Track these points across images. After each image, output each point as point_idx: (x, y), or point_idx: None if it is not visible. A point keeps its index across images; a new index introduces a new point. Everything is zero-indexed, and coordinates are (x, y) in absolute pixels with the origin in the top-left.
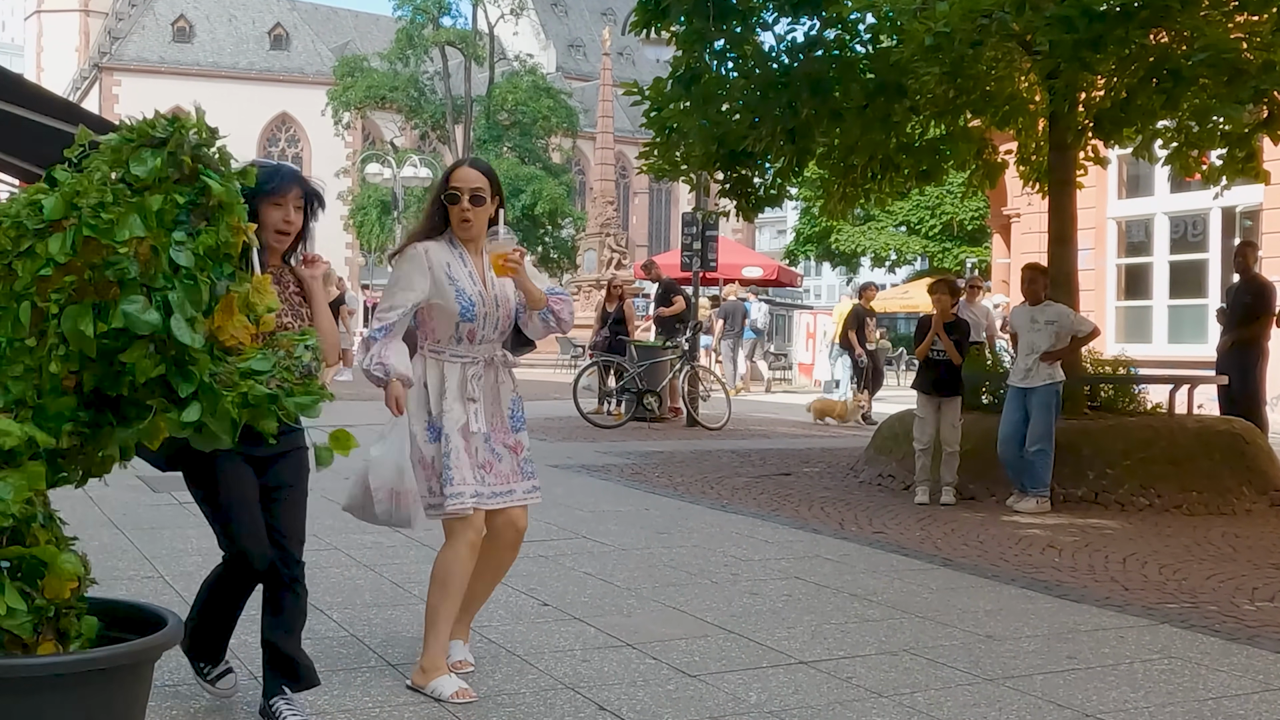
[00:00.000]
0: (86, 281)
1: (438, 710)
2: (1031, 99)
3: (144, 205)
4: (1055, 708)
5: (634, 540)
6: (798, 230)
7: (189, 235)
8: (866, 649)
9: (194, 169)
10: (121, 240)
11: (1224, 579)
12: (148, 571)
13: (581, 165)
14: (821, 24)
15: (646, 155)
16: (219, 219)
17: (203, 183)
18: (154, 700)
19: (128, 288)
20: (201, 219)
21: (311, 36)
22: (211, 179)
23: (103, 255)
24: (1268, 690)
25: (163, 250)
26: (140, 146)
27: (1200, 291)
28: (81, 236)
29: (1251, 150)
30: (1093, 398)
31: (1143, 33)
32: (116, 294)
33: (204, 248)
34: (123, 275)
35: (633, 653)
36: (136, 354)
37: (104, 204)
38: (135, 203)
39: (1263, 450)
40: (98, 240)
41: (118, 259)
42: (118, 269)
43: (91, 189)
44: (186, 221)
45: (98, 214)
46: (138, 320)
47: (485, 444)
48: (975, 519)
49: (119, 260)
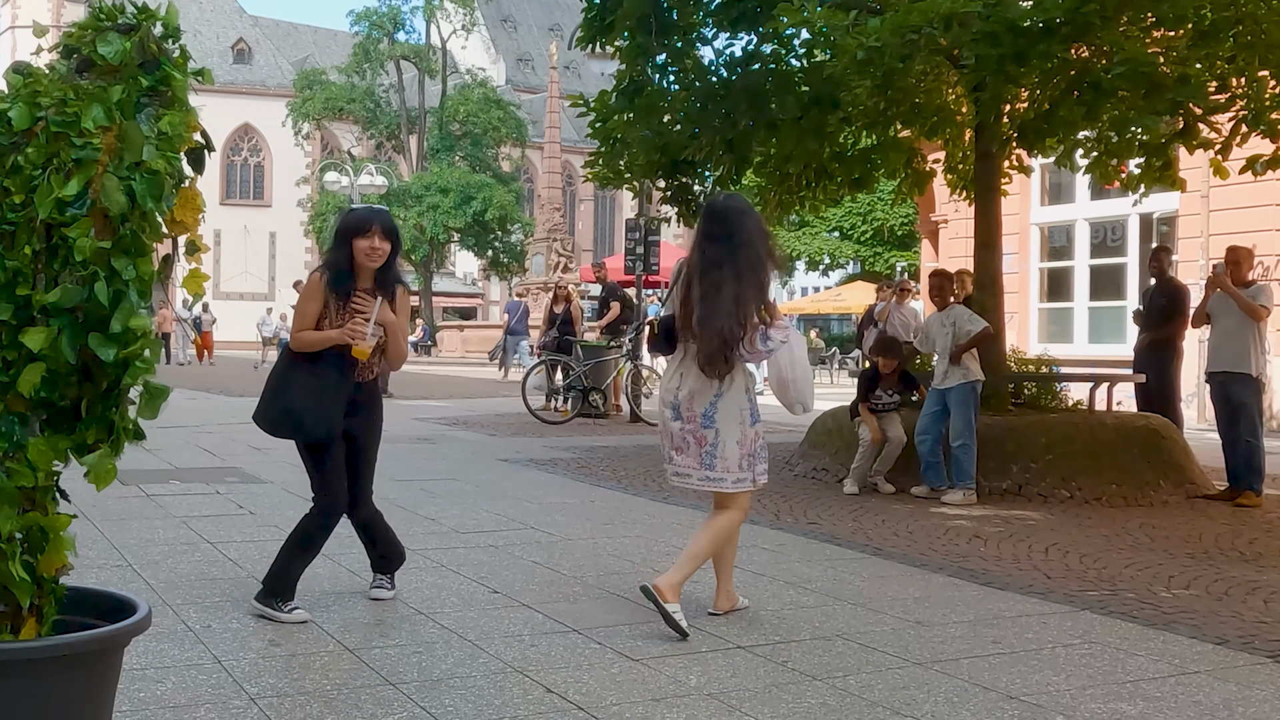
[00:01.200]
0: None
1: (392, 692)
2: (958, 110)
3: (105, 95)
4: (981, 690)
5: (580, 531)
6: None
7: (151, 125)
8: (801, 634)
9: (157, 57)
10: (88, 128)
11: (1141, 568)
12: (116, 560)
13: (530, 173)
14: (758, 39)
15: (592, 164)
16: (177, 113)
17: (165, 71)
18: (122, 684)
19: (87, 167)
20: (161, 107)
21: (273, 51)
22: (172, 71)
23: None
24: (1183, 674)
25: (132, 142)
26: (109, 30)
27: (1119, 294)
28: (51, 134)
29: (1168, 159)
30: (1016, 395)
31: (1064, 47)
32: (73, 171)
33: (166, 128)
34: (86, 157)
35: (578, 638)
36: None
37: (66, 99)
38: (96, 92)
39: (1178, 445)
40: (67, 135)
41: (84, 143)
42: (83, 150)
43: (52, 88)
44: (149, 106)
45: (62, 110)
46: (111, 194)
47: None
48: (905, 511)
49: (85, 144)
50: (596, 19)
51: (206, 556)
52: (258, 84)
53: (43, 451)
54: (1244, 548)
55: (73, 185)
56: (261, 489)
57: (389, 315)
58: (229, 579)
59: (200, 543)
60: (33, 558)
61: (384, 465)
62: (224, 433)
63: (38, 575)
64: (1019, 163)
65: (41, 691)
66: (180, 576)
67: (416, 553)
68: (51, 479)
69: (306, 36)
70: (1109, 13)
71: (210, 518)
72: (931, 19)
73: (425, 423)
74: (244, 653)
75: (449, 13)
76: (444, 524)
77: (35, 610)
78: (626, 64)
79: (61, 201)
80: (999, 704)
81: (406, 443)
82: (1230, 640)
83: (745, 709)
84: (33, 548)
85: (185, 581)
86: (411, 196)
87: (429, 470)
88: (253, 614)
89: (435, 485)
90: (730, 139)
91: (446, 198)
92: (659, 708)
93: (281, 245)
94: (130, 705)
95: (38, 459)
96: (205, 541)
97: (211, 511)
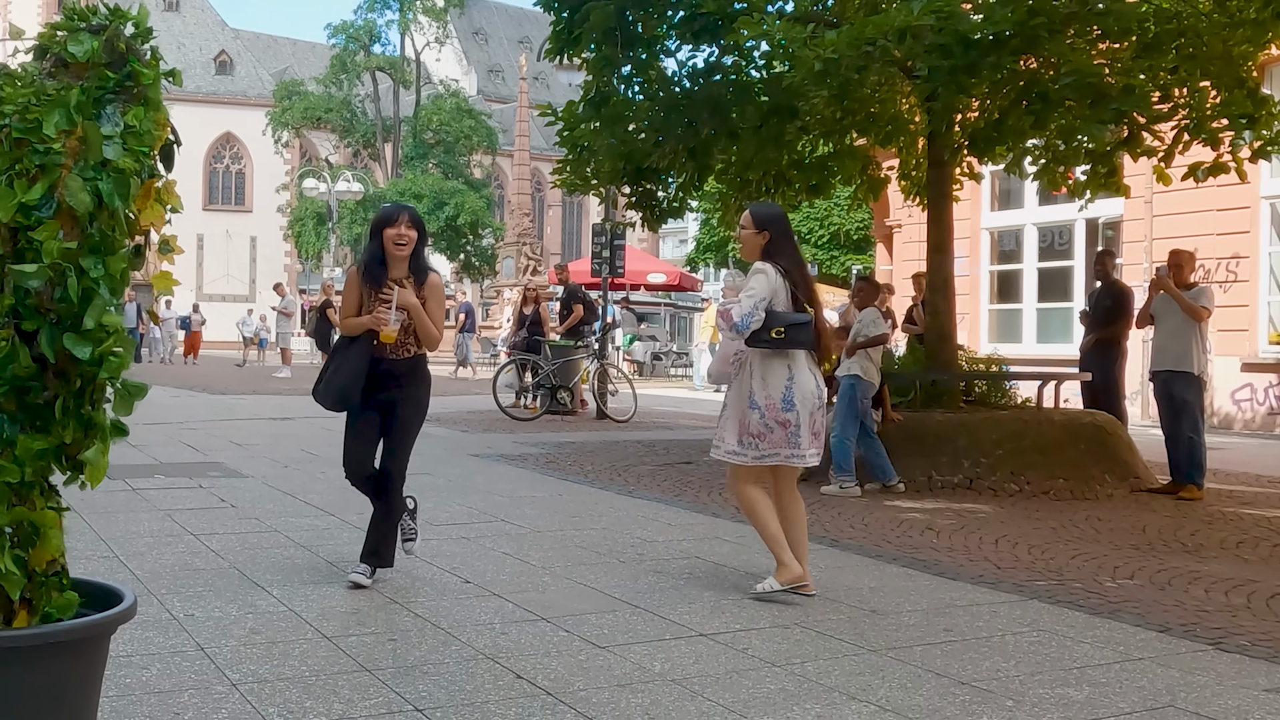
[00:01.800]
0: (22, 170)
1: (367, 678)
2: (912, 120)
3: (65, 99)
4: (934, 676)
5: (548, 523)
6: (698, 239)
7: (116, 124)
8: (761, 622)
9: (125, 55)
10: (49, 134)
11: (1088, 559)
12: (104, 552)
13: (500, 180)
14: (720, 51)
15: (560, 171)
16: (144, 109)
17: (132, 67)
18: (109, 670)
19: (50, 172)
20: (127, 104)
21: (253, 62)
22: (139, 67)
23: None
24: (1127, 660)
25: (92, 142)
26: (81, 30)
27: (1066, 296)
28: (13, 139)
29: (1113, 166)
30: (968, 393)
31: (1014, 59)
32: (38, 175)
33: (133, 120)
34: (50, 162)
35: (547, 626)
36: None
37: (29, 105)
38: (57, 96)
39: (1123, 441)
40: (29, 140)
41: (46, 148)
42: (46, 155)
43: (16, 94)
44: (115, 101)
45: (24, 118)
46: (76, 194)
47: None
48: (860, 504)
49: (48, 149)
50: (564, 32)
51: (190, 548)
52: (239, 94)
53: (29, 448)
54: (1186, 539)
55: (37, 189)
56: (243, 483)
57: (410, 300)
58: (211, 569)
59: (184, 535)
60: (24, 551)
61: None
62: (206, 429)
63: (29, 568)
64: (970, 170)
65: (32, 677)
66: (164, 567)
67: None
68: (39, 475)
69: (286, 49)
70: (1056, 25)
71: (193, 511)
72: (886, 32)
73: None
74: (225, 640)
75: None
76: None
77: (26, 603)
78: (593, 75)
79: (26, 206)
80: (951, 689)
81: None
82: (1173, 628)
83: (707, 694)
84: (23, 542)
85: (169, 572)
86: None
87: None
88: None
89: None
90: (692, 147)
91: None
92: (624, 693)
93: (262, 249)
94: (117, 690)
95: (24, 455)
96: (188, 533)
97: (194, 505)
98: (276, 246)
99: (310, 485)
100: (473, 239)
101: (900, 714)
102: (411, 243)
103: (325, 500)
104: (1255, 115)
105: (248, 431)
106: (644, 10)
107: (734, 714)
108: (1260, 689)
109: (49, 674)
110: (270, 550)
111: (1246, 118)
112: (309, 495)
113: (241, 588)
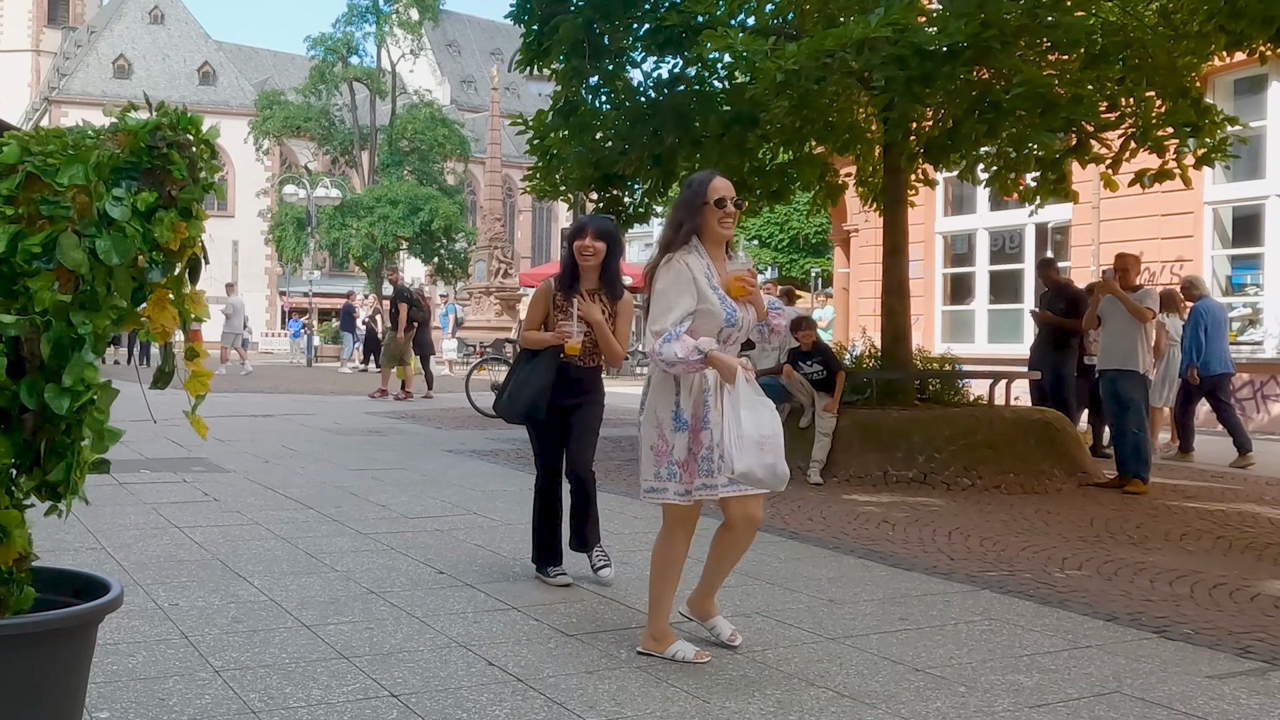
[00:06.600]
0: (21, 214)
1: (345, 665)
2: (869, 128)
3: (86, 156)
4: (890, 663)
5: (519, 516)
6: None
7: (130, 192)
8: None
9: (167, 146)
10: (61, 183)
11: (1037, 550)
12: (91, 544)
13: (473, 186)
14: (684, 63)
15: (530, 178)
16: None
17: (166, 154)
18: (96, 657)
19: (57, 224)
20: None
21: (235, 73)
22: (176, 156)
23: (43, 194)
24: (1076, 648)
25: (98, 200)
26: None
27: (1016, 297)
28: (26, 174)
29: (1062, 173)
30: (922, 390)
31: (967, 70)
32: (45, 226)
33: (142, 204)
34: (56, 213)
35: (518, 615)
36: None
37: (54, 151)
38: (82, 153)
39: (1071, 437)
40: (40, 178)
41: (56, 199)
42: (54, 207)
43: (50, 139)
44: (135, 178)
45: (45, 161)
46: (67, 252)
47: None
48: (818, 497)
49: (57, 200)
50: (534, 44)
51: (174, 540)
52: (221, 104)
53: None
54: (1131, 531)
55: (38, 238)
56: (225, 478)
57: (593, 314)
58: (195, 561)
59: (169, 527)
60: None
61: (338, 455)
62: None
63: None
64: (925, 176)
65: (20, 665)
66: (150, 558)
67: (368, 536)
68: (3, 476)
69: (267, 60)
70: (1008, 38)
71: (178, 504)
72: (845, 44)
73: (376, 416)
74: (209, 629)
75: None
76: (393, 510)
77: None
78: (562, 85)
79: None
80: (906, 675)
81: (358, 435)
82: (1119, 617)
83: (672, 680)
84: None
85: (155, 563)
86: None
87: (380, 460)
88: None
89: (385, 474)
90: (658, 155)
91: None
92: (593, 679)
93: (244, 252)
94: (104, 677)
95: None
96: (173, 526)
97: (179, 498)
98: (258, 250)
99: (290, 480)
100: (446, 243)
101: (857, 699)
102: (598, 254)
103: (304, 494)
104: (1199, 124)
105: (229, 428)
106: (611, 23)
107: (697, 700)
108: (1203, 675)
109: (37, 662)
110: (251, 542)
111: (1190, 126)
112: (289, 490)
113: (224, 578)
